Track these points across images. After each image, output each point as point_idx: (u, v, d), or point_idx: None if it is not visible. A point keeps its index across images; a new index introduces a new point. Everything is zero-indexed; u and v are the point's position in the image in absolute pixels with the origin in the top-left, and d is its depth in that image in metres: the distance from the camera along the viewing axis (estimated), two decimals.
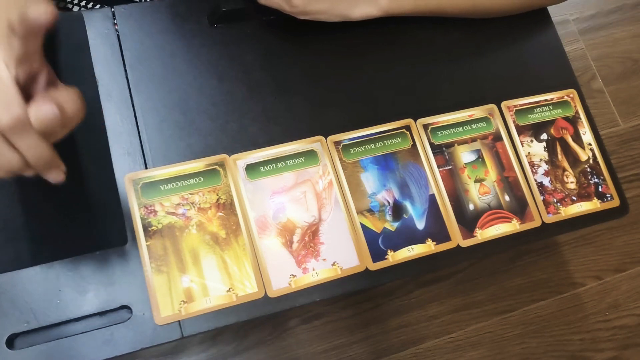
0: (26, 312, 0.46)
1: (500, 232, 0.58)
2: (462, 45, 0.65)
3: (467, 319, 1.04)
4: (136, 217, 0.50)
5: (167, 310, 0.48)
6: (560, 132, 0.63)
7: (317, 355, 0.98)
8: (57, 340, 0.46)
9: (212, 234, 0.51)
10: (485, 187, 0.59)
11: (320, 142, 0.57)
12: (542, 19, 0.68)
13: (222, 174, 0.53)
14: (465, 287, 1.05)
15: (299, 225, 0.54)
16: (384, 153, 0.58)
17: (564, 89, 0.65)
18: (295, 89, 0.58)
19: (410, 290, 1.04)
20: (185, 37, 0.57)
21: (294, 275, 0.52)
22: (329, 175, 0.56)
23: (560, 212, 0.60)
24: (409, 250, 0.55)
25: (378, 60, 0.61)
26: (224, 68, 0.57)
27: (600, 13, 1.29)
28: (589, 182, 0.62)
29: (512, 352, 1.03)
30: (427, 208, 0.57)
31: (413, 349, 1.01)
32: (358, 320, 1.01)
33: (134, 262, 0.49)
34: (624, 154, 1.19)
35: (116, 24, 0.55)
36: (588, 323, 1.07)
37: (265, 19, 0.59)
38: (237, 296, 0.50)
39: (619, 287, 1.10)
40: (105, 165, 0.51)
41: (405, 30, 0.63)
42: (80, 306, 0.47)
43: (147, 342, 0.48)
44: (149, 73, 0.55)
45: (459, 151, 0.60)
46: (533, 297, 1.07)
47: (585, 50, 1.25)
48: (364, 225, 0.55)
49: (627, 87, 1.24)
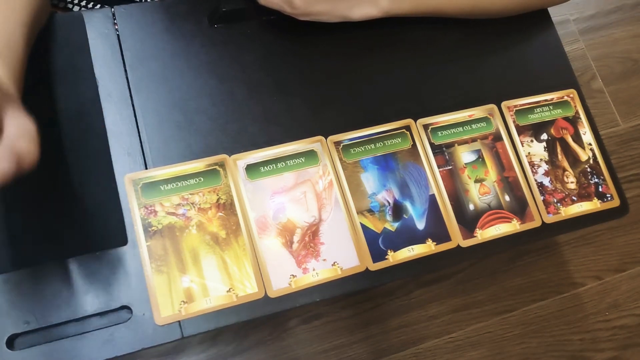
0: (26, 313, 0.46)
1: (501, 232, 0.58)
2: (462, 45, 0.65)
3: (467, 319, 1.04)
4: (136, 218, 0.50)
5: (167, 310, 0.48)
6: (561, 132, 0.63)
7: (317, 355, 0.98)
8: (58, 341, 0.46)
9: (212, 234, 0.51)
10: (485, 187, 0.59)
11: (320, 142, 0.57)
12: (542, 19, 0.68)
13: (222, 174, 0.53)
14: (465, 287, 1.05)
15: (299, 225, 0.54)
16: (384, 153, 0.58)
17: (564, 89, 0.65)
18: (296, 89, 0.58)
19: (410, 290, 1.04)
20: (185, 38, 0.57)
21: (294, 276, 0.52)
22: (329, 175, 0.56)
23: (561, 212, 0.60)
24: (409, 251, 0.55)
25: (378, 60, 0.61)
26: (224, 68, 0.57)
27: (600, 13, 1.29)
28: (589, 182, 0.62)
29: (512, 352, 1.03)
30: (427, 208, 0.57)
31: (413, 349, 1.01)
32: (358, 320, 1.01)
33: (134, 262, 0.49)
34: (624, 154, 1.19)
35: (116, 24, 0.55)
36: (588, 323, 1.07)
37: (266, 19, 0.59)
38: (237, 296, 0.50)
39: (619, 287, 1.10)
40: (105, 165, 0.51)
41: (405, 30, 0.63)
42: (81, 306, 0.47)
43: (147, 342, 0.48)
44: (149, 73, 0.55)
45: (459, 151, 0.60)
46: (533, 297, 1.07)
47: (585, 50, 1.25)
48: (364, 225, 0.55)
49: (627, 87, 1.24)
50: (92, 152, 0.51)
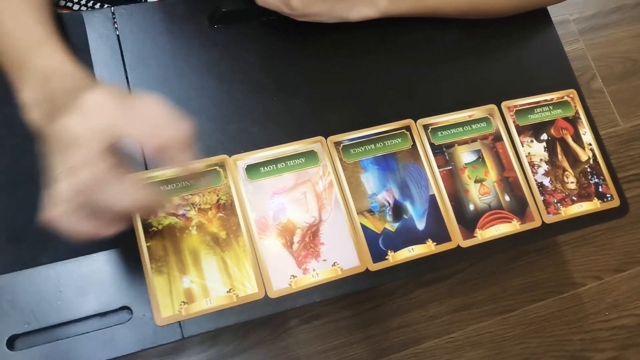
0: (27, 313, 0.46)
1: (501, 233, 0.58)
2: (462, 45, 0.65)
3: (467, 319, 1.04)
4: (136, 218, 0.50)
5: (168, 311, 0.48)
6: (561, 132, 0.63)
7: (317, 355, 0.98)
8: (58, 341, 0.46)
9: (212, 235, 0.51)
10: (485, 188, 0.59)
11: (320, 143, 0.57)
12: (542, 19, 0.68)
13: (223, 175, 0.53)
14: (465, 287, 1.05)
15: (299, 225, 0.54)
16: (384, 153, 0.58)
17: (564, 89, 0.65)
18: (296, 89, 0.58)
19: (410, 290, 1.03)
20: (185, 38, 0.57)
21: (295, 276, 0.52)
22: (329, 175, 0.56)
23: (561, 212, 0.60)
24: (410, 251, 0.55)
25: (378, 60, 0.61)
26: (224, 69, 0.57)
27: (600, 13, 1.29)
28: (589, 182, 0.62)
29: (512, 352, 1.03)
30: (427, 208, 0.57)
31: (413, 349, 1.01)
32: (358, 320, 1.01)
33: (135, 263, 0.49)
34: (624, 154, 1.19)
35: (116, 25, 0.55)
36: (588, 323, 1.07)
37: (266, 20, 0.59)
38: (237, 297, 0.50)
39: (619, 287, 1.10)
40: None
41: (405, 30, 0.63)
42: (81, 307, 0.47)
43: (148, 343, 0.48)
44: (149, 74, 0.55)
45: (459, 151, 0.60)
46: (533, 297, 1.07)
47: (585, 50, 1.25)
48: (364, 225, 0.55)
49: (627, 87, 1.23)
50: None
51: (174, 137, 0.39)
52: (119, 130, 0.37)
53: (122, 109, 0.38)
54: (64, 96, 0.39)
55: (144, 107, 0.39)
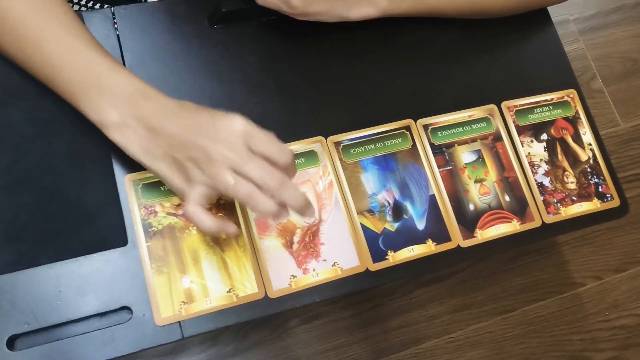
0: (27, 313, 0.46)
1: (501, 233, 0.58)
2: (462, 45, 0.65)
3: (467, 319, 1.04)
4: (136, 218, 0.50)
5: (168, 311, 0.48)
6: (560, 132, 0.63)
7: (317, 355, 0.98)
8: (58, 341, 0.46)
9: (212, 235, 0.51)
10: (485, 188, 0.59)
11: (320, 143, 0.57)
12: (542, 19, 0.68)
13: None
14: (465, 287, 1.05)
15: (299, 225, 0.54)
16: (384, 153, 0.58)
17: (564, 89, 0.65)
18: (295, 89, 0.58)
19: (410, 290, 1.03)
20: (185, 38, 0.57)
21: (295, 276, 0.52)
22: (329, 175, 0.56)
23: (561, 212, 0.60)
24: (409, 251, 0.55)
25: (378, 60, 0.61)
26: (224, 69, 0.57)
27: (600, 13, 1.29)
28: (589, 182, 0.62)
29: (512, 352, 1.03)
30: (427, 208, 0.57)
31: (413, 349, 1.01)
32: (358, 320, 1.01)
33: (134, 263, 0.49)
34: (624, 154, 1.19)
35: (116, 25, 0.55)
36: (588, 323, 1.07)
37: (266, 20, 0.59)
38: (237, 297, 0.50)
39: (619, 287, 1.10)
40: (106, 165, 0.51)
41: (405, 30, 0.63)
42: (81, 307, 0.47)
43: (148, 343, 0.48)
44: (149, 74, 0.55)
45: (459, 151, 0.60)
46: (533, 297, 1.07)
47: (585, 50, 1.25)
48: (364, 225, 0.55)
49: (627, 87, 1.24)
50: (92, 152, 0.51)
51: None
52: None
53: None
54: (156, 118, 0.45)
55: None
